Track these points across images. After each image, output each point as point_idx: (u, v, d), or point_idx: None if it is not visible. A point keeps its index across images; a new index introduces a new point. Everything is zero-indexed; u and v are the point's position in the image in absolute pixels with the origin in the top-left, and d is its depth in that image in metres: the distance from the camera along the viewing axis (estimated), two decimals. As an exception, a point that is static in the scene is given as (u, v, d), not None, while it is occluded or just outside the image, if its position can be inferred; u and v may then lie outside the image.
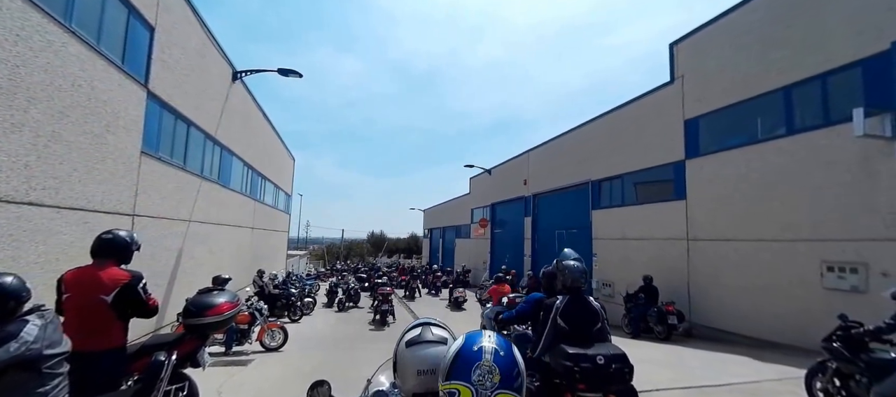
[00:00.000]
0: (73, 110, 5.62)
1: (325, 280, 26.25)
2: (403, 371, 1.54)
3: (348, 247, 59.77)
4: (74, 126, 5.65)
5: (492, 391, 1.10)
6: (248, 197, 14.75)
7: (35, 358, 2.12)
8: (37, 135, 5.00)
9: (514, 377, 1.14)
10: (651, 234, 11.36)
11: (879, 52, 6.65)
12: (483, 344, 1.18)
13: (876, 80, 6.76)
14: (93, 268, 3.12)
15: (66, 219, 5.53)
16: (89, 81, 5.90)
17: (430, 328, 1.62)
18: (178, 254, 8.95)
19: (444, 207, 33.60)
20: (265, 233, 17.76)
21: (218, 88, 10.90)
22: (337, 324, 12.76)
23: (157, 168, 7.98)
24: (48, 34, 5.11)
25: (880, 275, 6.59)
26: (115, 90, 6.49)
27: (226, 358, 8.10)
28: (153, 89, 7.61)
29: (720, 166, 9.44)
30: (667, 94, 11.00)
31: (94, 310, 2.97)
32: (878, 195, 6.68)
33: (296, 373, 7.10)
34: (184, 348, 3.73)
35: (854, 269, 6.97)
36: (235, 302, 4.25)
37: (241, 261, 13.77)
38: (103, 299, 2.99)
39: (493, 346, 1.18)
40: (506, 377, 1.13)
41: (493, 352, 1.17)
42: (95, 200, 6.15)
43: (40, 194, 5.08)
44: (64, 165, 5.46)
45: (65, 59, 5.40)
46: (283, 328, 9.28)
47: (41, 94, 5.04)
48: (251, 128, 14.66)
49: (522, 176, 18.92)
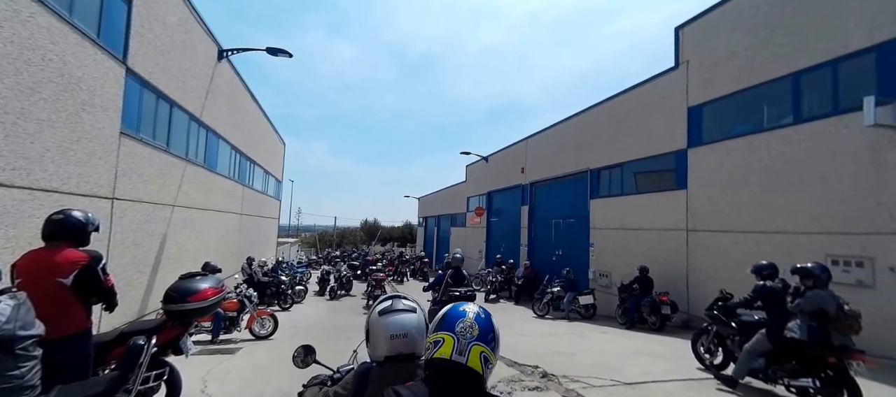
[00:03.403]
0: (45, 86, 5.25)
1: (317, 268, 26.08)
2: (376, 337, 1.70)
3: (341, 235, 59.42)
4: (46, 103, 5.29)
5: (469, 342, 1.35)
6: (237, 182, 14.35)
7: (9, 339, 2.08)
8: (4, 112, 4.65)
9: (490, 337, 1.40)
10: (650, 225, 11.20)
11: (893, 38, 6.41)
12: (468, 308, 1.44)
13: (889, 67, 6.53)
14: (46, 252, 2.93)
15: (39, 201, 5.21)
16: (61, 56, 5.51)
17: (399, 300, 1.80)
18: (162, 240, 8.61)
19: (439, 195, 33.34)
20: (254, 220, 17.40)
21: (203, 67, 10.44)
22: (328, 312, 12.56)
23: (138, 150, 7.59)
24: (15, 3, 4.72)
25: (888, 269, 6.46)
26: (89, 66, 6.09)
27: (213, 346, 7.89)
28: (132, 66, 7.19)
29: (723, 155, 9.24)
30: (671, 80, 10.73)
31: (52, 295, 2.79)
32: (885, 187, 6.51)
33: (285, 361, 6.80)
34: (165, 335, 3.60)
35: (860, 263, 6.83)
36: (220, 289, 4.08)
37: (229, 248, 13.43)
38: (61, 282, 2.83)
39: (476, 311, 1.44)
40: (483, 334, 1.38)
41: (475, 315, 1.42)
42: (71, 182, 5.81)
43: (10, 175, 4.76)
44: (35, 145, 5.12)
45: (33, 31, 5.02)
46: (273, 316, 9.10)
47: (8, 68, 4.68)
48: (239, 110, 14.19)
49: (520, 164, 18.67)
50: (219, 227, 12.42)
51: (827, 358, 4.44)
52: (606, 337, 9.08)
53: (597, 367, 6.26)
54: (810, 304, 4.57)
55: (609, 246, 12.75)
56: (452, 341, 1.35)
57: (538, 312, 12.11)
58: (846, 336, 4.49)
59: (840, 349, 4.42)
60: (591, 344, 8.28)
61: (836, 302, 4.55)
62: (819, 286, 4.67)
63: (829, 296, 4.58)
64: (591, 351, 7.49)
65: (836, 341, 4.47)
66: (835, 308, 4.50)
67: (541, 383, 5.85)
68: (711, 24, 9.71)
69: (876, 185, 6.63)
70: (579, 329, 10.13)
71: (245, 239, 15.51)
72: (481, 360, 1.35)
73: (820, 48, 7.42)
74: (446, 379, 1.33)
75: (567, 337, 9.12)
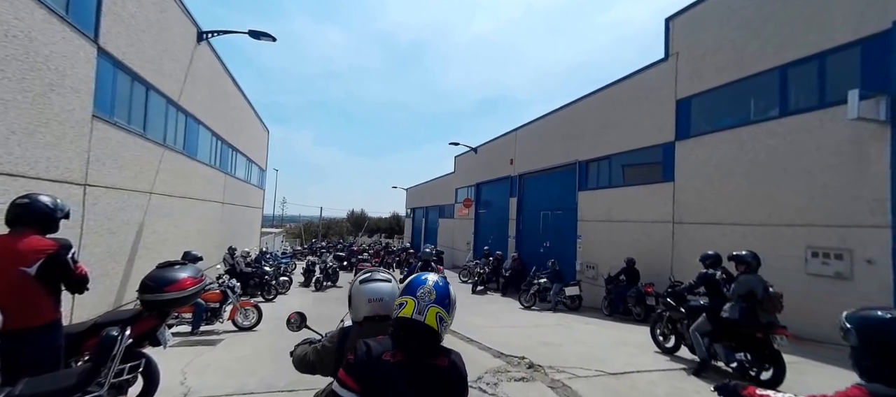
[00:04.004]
0: (8, 64, 4.95)
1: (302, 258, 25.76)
2: (357, 302, 2.07)
3: (327, 226, 58.80)
4: (11, 83, 5.00)
5: (428, 304, 1.58)
6: (218, 169, 13.96)
7: None
8: (-39, 90, 4.34)
9: (446, 302, 1.63)
10: (637, 217, 11.27)
11: (880, 32, 6.46)
12: (429, 277, 1.68)
13: (874, 61, 6.59)
14: (8, 239, 2.77)
15: (3, 186, 4.94)
16: (26, 32, 5.19)
17: (377, 272, 2.18)
18: (139, 229, 8.31)
19: (427, 186, 33.16)
20: (237, 209, 17.02)
21: (181, 49, 10.05)
22: (314, 303, 12.35)
23: (112, 134, 7.27)
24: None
25: (865, 262, 6.59)
26: (58, 44, 5.76)
27: (193, 338, 7.69)
28: (105, 46, 6.84)
29: (711, 148, 9.30)
30: (660, 72, 10.74)
31: (14, 285, 2.65)
32: (865, 181, 6.61)
33: (268, 352, 6.74)
34: (141, 326, 3.49)
35: (839, 255, 6.95)
36: (200, 278, 3.96)
37: (211, 238, 13.10)
38: (24, 271, 2.68)
39: (436, 279, 1.67)
40: (439, 298, 1.61)
41: (434, 282, 1.65)
42: (39, 167, 5.53)
43: (-31, 158, 4.48)
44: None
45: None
46: (257, 307, 8.90)
47: (-36, 43, 4.36)
48: (220, 95, 13.76)
49: (509, 155, 18.60)
50: (200, 216, 12.09)
51: (755, 334, 5.03)
52: (592, 328, 9.14)
53: (582, 358, 6.28)
54: (742, 287, 5.21)
55: (596, 238, 12.82)
56: (414, 303, 1.59)
57: (524, 303, 12.14)
58: (771, 314, 5.07)
59: (766, 325, 5.00)
60: (578, 334, 8.31)
61: (763, 285, 5.16)
62: (750, 271, 5.32)
63: (757, 280, 5.21)
64: (578, 342, 7.51)
65: (763, 319, 5.04)
66: (762, 290, 5.09)
67: (527, 374, 5.83)
68: (702, 15, 9.70)
69: (856, 179, 6.74)
70: (565, 320, 10.18)
71: (228, 228, 15.15)
72: (437, 320, 1.59)
73: (808, 41, 7.47)
74: (408, 334, 1.58)
75: (553, 328, 9.15)
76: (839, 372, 5.39)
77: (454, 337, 7.97)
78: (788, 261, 7.54)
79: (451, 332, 8.26)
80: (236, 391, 4.91)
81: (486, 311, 11.48)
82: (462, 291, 15.41)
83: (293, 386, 4.98)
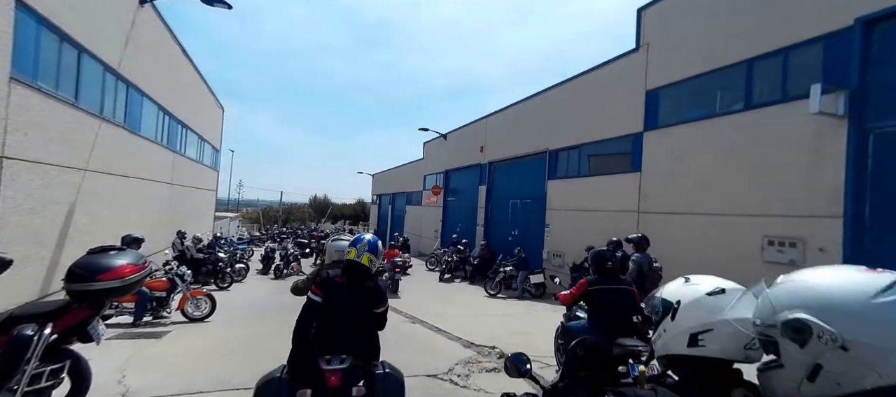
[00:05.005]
0: None
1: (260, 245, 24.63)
2: (329, 251, 4.09)
3: (288, 211, 56.70)
4: None
5: (362, 252, 2.77)
6: (166, 147, 12.86)
7: None
8: None
9: (376, 251, 2.85)
10: (604, 206, 11.41)
11: (842, 29, 6.68)
12: (366, 236, 2.90)
13: (835, 57, 6.82)
14: None
15: None
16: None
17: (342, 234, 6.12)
18: (71, 209, 7.43)
19: (395, 172, 32.48)
20: (188, 191, 15.85)
21: (121, 10, 9.03)
22: (274, 292, 11.75)
23: (35, 101, 6.37)
24: None
25: (817, 250, 6.89)
26: (-39, -12, 4.86)
27: (136, 330, 7.01)
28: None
29: (677, 140, 9.47)
30: (630, 63, 10.80)
31: None
32: (822, 173, 6.89)
33: (222, 345, 6.20)
34: (68, 320, 3.07)
35: (793, 244, 7.25)
36: (141, 265, 3.50)
37: (157, 221, 12.08)
38: None
39: (370, 237, 2.89)
40: (371, 248, 2.81)
41: (368, 240, 2.86)
42: (-63, 134, 4.66)
43: None
44: None
45: None
46: (210, 296, 8.30)
47: None
48: (168, 66, 12.60)
49: (479, 142, 18.41)
50: (144, 197, 11.07)
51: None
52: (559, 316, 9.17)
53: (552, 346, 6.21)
54: (635, 264, 6.34)
55: (564, 227, 12.92)
56: (355, 251, 2.79)
57: (490, 291, 12.16)
58: (655, 285, 5.34)
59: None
60: (546, 322, 8.27)
61: (649, 261, 6.35)
62: (640, 251, 6.48)
63: (645, 257, 6.40)
64: (547, 330, 7.42)
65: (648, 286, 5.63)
66: (647, 265, 6.28)
67: (498, 364, 5.71)
68: (674, 6, 9.78)
69: (814, 171, 7.01)
70: (533, 308, 10.20)
71: (177, 212, 14.06)
72: (368, 261, 2.78)
73: (775, 35, 7.63)
74: (351, 268, 2.78)
75: (522, 317, 9.13)
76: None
77: (424, 328, 7.74)
78: (746, 249, 7.82)
79: (421, 323, 8.02)
80: (183, 390, 4.40)
81: (454, 300, 11.33)
82: (430, 280, 15.21)
83: (249, 384, 4.54)
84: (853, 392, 0.90)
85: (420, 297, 11.05)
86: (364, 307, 2.73)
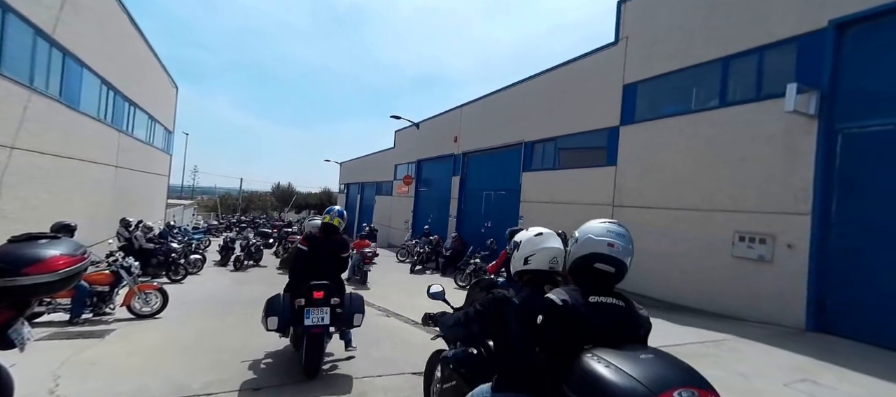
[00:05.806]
0: None
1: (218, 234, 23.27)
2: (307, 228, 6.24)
3: (248, 200, 54.18)
4: None
5: (334, 216, 4.74)
6: (110, 125, 11.66)
7: None
8: None
9: (343, 214, 4.86)
10: (578, 199, 11.44)
11: (816, 30, 6.86)
12: (334, 207, 4.97)
13: (808, 57, 7.01)
14: None
15: None
16: None
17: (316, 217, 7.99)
18: (-7, 192, 6.45)
19: (364, 161, 31.60)
20: (137, 175, 14.56)
21: (58, -33, 7.92)
22: (234, 284, 10.99)
23: (-55, 62, 5.40)
24: None
25: (786, 246, 7.11)
26: None
27: (73, 329, 6.22)
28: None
29: (653, 134, 9.56)
30: (609, 56, 10.81)
31: None
32: (794, 171, 7.10)
33: (175, 344, 5.55)
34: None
35: (762, 240, 7.46)
36: (79, 256, 2.89)
37: (100, 208, 10.96)
38: None
39: (338, 208, 4.90)
40: (339, 214, 4.81)
41: (337, 209, 4.86)
42: None
43: None
44: None
45: None
46: (162, 290, 7.53)
47: None
48: (114, 36, 11.38)
49: (453, 132, 18.09)
50: (85, 180, 9.97)
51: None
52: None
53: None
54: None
55: (538, 220, 12.84)
56: (329, 216, 4.75)
57: (460, 283, 11.94)
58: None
59: None
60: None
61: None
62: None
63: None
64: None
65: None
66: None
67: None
68: (654, 1, 9.83)
69: (786, 169, 7.21)
70: (509, 300, 10.05)
71: (125, 197, 12.87)
72: (338, 222, 4.71)
73: (752, 34, 7.78)
74: (325, 227, 4.71)
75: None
76: (771, 350, 5.70)
77: (399, 321, 7.39)
78: (717, 244, 8.00)
79: (396, 316, 7.66)
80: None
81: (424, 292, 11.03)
82: (400, 271, 14.81)
83: (211, 388, 4.02)
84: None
85: (390, 289, 10.68)
86: (334, 252, 4.60)
